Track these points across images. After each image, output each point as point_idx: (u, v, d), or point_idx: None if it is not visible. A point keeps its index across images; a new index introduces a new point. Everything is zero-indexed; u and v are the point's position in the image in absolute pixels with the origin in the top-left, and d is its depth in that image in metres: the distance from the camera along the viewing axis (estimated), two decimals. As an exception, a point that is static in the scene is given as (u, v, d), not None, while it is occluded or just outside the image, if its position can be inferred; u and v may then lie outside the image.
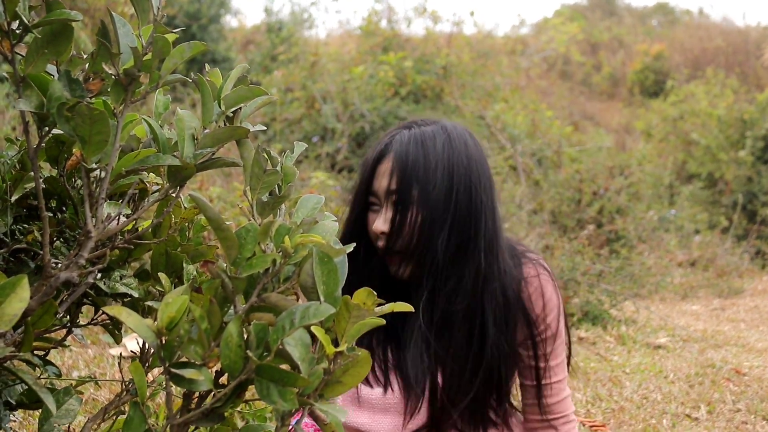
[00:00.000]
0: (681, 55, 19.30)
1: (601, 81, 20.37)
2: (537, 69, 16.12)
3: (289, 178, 1.22)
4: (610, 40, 21.65)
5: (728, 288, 8.40)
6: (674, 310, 7.09)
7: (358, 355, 1.03)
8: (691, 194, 12.45)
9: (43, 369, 1.31)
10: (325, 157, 9.79)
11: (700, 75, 16.89)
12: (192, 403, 1.12)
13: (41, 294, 1.10)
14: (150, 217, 1.40)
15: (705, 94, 14.67)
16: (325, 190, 7.54)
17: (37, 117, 1.12)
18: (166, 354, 1.02)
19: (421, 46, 12.31)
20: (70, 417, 1.30)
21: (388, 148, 1.95)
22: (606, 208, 8.83)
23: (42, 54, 1.12)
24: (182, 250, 1.38)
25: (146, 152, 1.19)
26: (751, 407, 3.92)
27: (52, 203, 1.43)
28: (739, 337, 5.76)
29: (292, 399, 0.99)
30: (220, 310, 1.06)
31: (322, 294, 1.03)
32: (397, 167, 1.91)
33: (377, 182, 1.95)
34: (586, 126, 16.31)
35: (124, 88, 1.14)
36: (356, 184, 2.03)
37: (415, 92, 11.04)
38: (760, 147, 12.72)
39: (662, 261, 8.59)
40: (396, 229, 1.92)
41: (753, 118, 13.05)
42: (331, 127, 10.22)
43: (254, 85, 1.24)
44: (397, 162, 1.91)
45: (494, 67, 12.85)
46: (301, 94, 10.93)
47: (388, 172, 1.93)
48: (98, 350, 3.84)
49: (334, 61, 12.19)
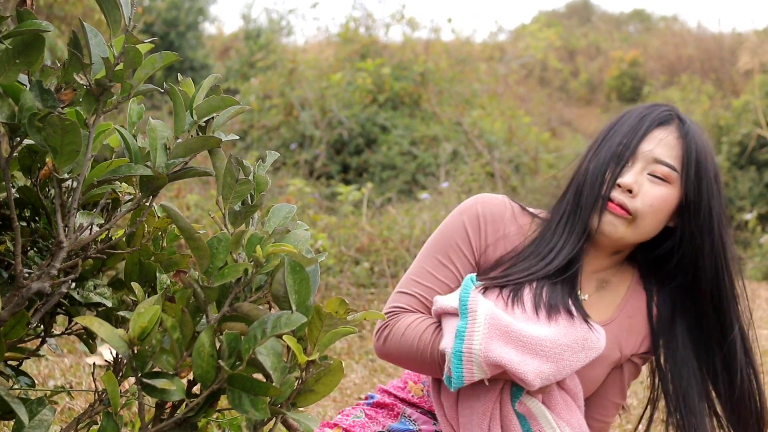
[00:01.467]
0: (657, 62, 19.47)
1: (578, 87, 20.50)
2: (515, 75, 16.18)
3: (261, 187, 1.23)
4: (587, 46, 21.79)
5: (704, 293, 8.44)
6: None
7: (330, 363, 1.04)
8: (668, 199, 12.54)
9: (16, 380, 1.31)
10: (303, 164, 9.82)
11: (676, 81, 17.03)
12: (165, 412, 1.12)
13: (13, 304, 1.10)
14: (123, 227, 1.40)
15: (681, 100, 14.79)
16: (302, 198, 7.55)
17: (8, 127, 1.12)
18: (139, 364, 1.03)
19: (399, 52, 12.35)
20: (44, 427, 1.29)
21: (670, 118, 1.95)
22: (585, 214, 8.86)
23: (13, 64, 1.12)
24: (155, 260, 1.38)
25: (118, 162, 1.19)
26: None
27: (26, 213, 1.43)
28: (717, 339, 5.79)
29: (264, 408, 1.00)
30: (193, 319, 1.06)
31: (294, 303, 1.04)
32: (685, 151, 1.91)
33: (654, 148, 1.92)
34: (563, 132, 16.39)
35: (95, 98, 1.14)
36: (608, 144, 1.97)
37: (393, 99, 11.07)
38: (736, 152, 12.82)
39: (639, 265, 8.62)
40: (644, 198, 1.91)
41: (729, 123, 13.16)
42: (309, 134, 10.25)
43: (227, 95, 1.25)
44: (687, 144, 1.92)
45: (472, 73, 12.91)
46: (279, 101, 10.95)
47: (668, 144, 1.92)
48: (75, 359, 3.82)
49: (312, 68, 12.23)
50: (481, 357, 1.80)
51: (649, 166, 1.91)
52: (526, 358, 1.82)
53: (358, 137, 10.27)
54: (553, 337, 1.86)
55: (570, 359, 1.88)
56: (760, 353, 2.23)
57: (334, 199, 8.68)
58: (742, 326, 2.05)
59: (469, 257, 2.01)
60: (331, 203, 8.44)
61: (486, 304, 1.85)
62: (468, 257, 2.01)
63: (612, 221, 1.92)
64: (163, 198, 5.85)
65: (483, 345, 1.79)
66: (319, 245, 5.75)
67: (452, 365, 1.82)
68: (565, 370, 1.88)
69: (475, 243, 2.02)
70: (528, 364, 1.82)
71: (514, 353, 1.82)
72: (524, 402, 1.94)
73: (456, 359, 1.82)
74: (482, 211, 2.02)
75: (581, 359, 1.89)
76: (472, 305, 1.84)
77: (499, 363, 1.80)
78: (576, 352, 1.88)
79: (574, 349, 1.88)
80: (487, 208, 2.03)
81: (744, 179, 12.52)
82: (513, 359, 1.81)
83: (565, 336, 1.88)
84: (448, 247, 2.02)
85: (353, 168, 10.12)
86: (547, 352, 1.85)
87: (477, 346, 1.79)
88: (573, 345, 1.88)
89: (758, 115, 12.77)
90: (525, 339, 1.83)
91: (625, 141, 1.93)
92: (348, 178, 9.92)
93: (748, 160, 12.70)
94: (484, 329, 1.81)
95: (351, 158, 10.21)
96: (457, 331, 1.82)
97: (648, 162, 1.91)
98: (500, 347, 1.81)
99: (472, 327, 1.81)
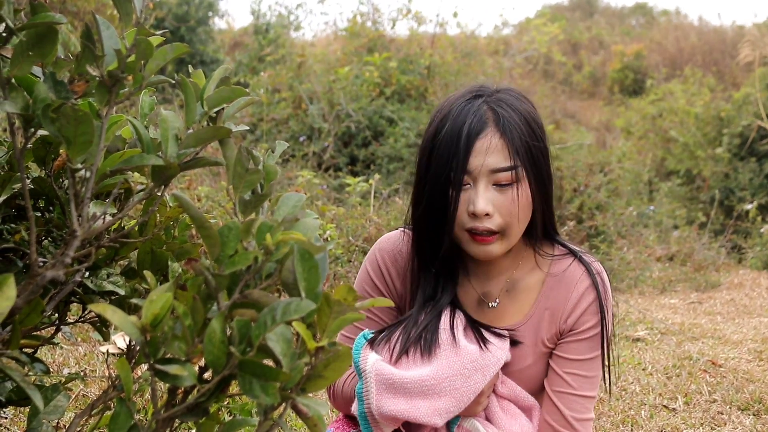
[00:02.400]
0: (659, 55, 19.54)
1: (581, 80, 20.54)
2: (519, 69, 16.25)
3: (271, 176, 1.25)
4: (590, 40, 21.83)
5: (705, 282, 8.49)
6: (653, 303, 7.15)
7: (338, 349, 1.05)
8: (669, 191, 12.65)
9: (31, 366, 1.33)
10: (311, 156, 9.87)
11: (678, 74, 17.09)
12: (177, 398, 1.14)
13: (28, 292, 1.12)
14: (135, 217, 1.42)
15: (683, 93, 14.85)
16: (311, 189, 7.58)
17: (22, 118, 1.14)
18: (151, 350, 1.04)
19: (406, 46, 12.42)
20: (59, 413, 1.32)
21: (485, 123, 1.85)
22: (586, 205, 8.92)
23: (27, 56, 1.13)
24: (167, 249, 1.40)
25: (131, 152, 1.21)
26: (726, 398, 3.98)
27: (41, 203, 1.45)
28: (716, 330, 5.82)
29: (274, 393, 1.01)
30: (204, 306, 1.07)
31: (304, 290, 1.05)
32: (507, 142, 1.85)
33: (476, 160, 1.85)
34: (567, 124, 16.46)
35: (108, 90, 1.16)
36: (435, 165, 1.88)
37: (400, 92, 11.12)
38: (737, 144, 12.87)
39: (641, 256, 8.71)
40: (506, 208, 1.87)
41: (729, 115, 13.23)
42: (318, 126, 10.29)
43: (237, 86, 1.27)
44: (505, 136, 1.85)
45: (477, 66, 12.97)
46: (288, 94, 11.01)
47: (492, 149, 1.85)
48: (89, 348, 3.86)
49: (320, 62, 12.30)
50: (377, 415, 1.85)
51: (490, 177, 1.86)
52: (416, 402, 1.85)
53: (365, 130, 10.31)
54: (436, 374, 1.87)
55: (465, 385, 1.88)
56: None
57: (342, 190, 8.72)
58: None
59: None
60: (339, 195, 8.48)
61: (372, 359, 1.90)
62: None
63: (484, 249, 1.92)
64: (175, 189, 5.91)
65: (375, 403, 1.84)
66: (327, 235, 5.78)
67: (362, 426, 1.89)
68: (465, 396, 1.88)
69: (384, 288, 2.09)
70: (419, 408, 1.85)
71: (403, 402, 1.85)
72: (463, 425, 1.97)
73: (363, 421, 1.89)
74: (380, 256, 2.09)
75: (479, 380, 1.89)
76: (362, 365, 1.90)
77: (393, 416, 1.85)
78: (468, 377, 1.89)
79: (466, 375, 1.88)
80: (385, 250, 2.09)
81: (744, 170, 12.59)
82: (404, 408, 1.84)
83: (450, 367, 1.88)
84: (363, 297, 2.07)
85: (361, 160, 10.16)
86: (435, 389, 1.86)
87: (373, 404, 1.85)
88: (462, 371, 1.88)
89: (759, 107, 12.82)
90: (408, 385, 1.85)
91: (452, 164, 1.85)
92: (356, 170, 9.96)
93: (749, 151, 12.77)
94: (373, 387, 1.86)
95: (359, 150, 10.24)
96: (357, 394, 1.88)
97: (486, 175, 1.85)
98: (389, 401, 1.85)
99: (367, 386, 1.87)
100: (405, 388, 1.85)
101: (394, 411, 1.84)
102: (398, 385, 1.85)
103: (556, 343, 2.04)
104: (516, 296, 2.06)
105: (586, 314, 2.01)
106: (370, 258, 2.12)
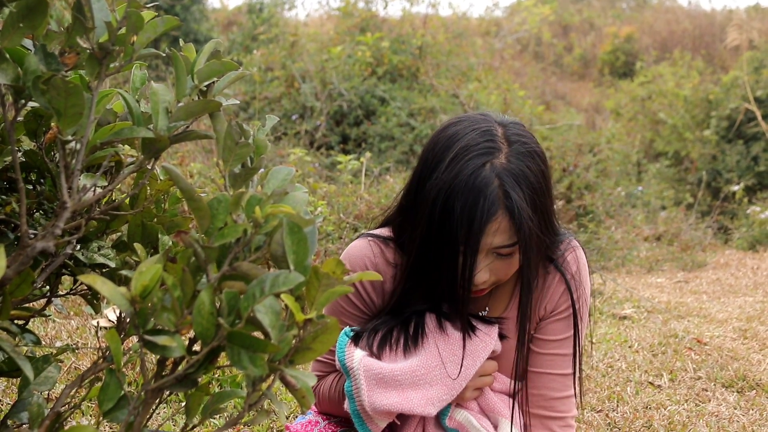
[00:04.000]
0: (649, 38, 19.63)
1: (572, 62, 20.59)
2: (510, 50, 16.31)
3: (261, 150, 1.25)
4: (581, 22, 21.87)
5: (692, 261, 8.57)
6: (640, 282, 7.21)
7: (326, 322, 1.06)
8: (657, 172, 12.77)
9: (22, 337, 1.34)
10: (303, 134, 9.89)
11: (668, 57, 17.14)
12: (166, 369, 1.15)
13: (18, 263, 1.12)
14: (126, 192, 1.43)
15: (672, 75, 14.94)
16: (303, 166, 7.60)
17: (13, 90, 1.14)
18: (140, 321, 1.05)
19: (398, 27, 12.47)
20: (50, 384, 1.32)
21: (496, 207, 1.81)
22: (575, 184, 8.99)
23: (18, 28, 1.13)
24: (158, 221, 1.41)
25: (121, 125, 1.22)
26: (711, 375, 4.03)
27: (32, 177, 1.45)
28: (701, 309, 5.87)
29: (262, 365, 1.02)
30: (193, 278, 1.08)
31: (292, 263, 1.06)
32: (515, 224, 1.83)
33: (487, 238, 1.83)
34: (557, 105, 16.53)
35: (98, 62, 1.16)
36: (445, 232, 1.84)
37: (392, 72, 11.17)
38: (725, 126, 12.97)
39: (629, 235, 8.80)
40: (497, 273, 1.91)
41: (718, 98, 13.33)
42: (310, 105, 10.31)
43: (227, 59, 1.27)
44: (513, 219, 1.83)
45: (468, 47, 13.06)
46: (281, 73, 11.03)
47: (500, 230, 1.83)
48: (81, 321, 3.87)
49: (313, 42, 12.33)
50: (371, 411, 1.87)
51: (492, 250, 1.86)
52: (409, 393, 1.87)
53: (357, 109, 10.33)
54: (425, 363, 1.90)
55: (455, 372, 1.91)
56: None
57: (333, 168, 8.75)
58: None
59: (361, 315, 2.08)
60: (331, 173, 8.51)
61: (358, 356, 1.92)
62: (360, 315, 2.08)
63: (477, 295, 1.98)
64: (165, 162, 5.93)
65: (367, 399, 1.86)
66: (318, 212, 5.80)
67: (356, 425, 1.91)
68: (457, 383, 1.91)
69: (360, 302, 2.08)
70: (412, 399, 1.87)
71: (395, 395, 1.87)
72: (454, 416, 1.99)
73: (357, 418, 1.91)
74: (350, 269, 2.05)
75: (469, 366, 1.93)
76: (348, 363, 1.92)
77: (387, 411, 1.86)
78: (458, 364, 1.92)
79: (455, 362, 1.91)
80: (353, 265, 2.06)
81: (732, 152, 12.71)
82: (396, 401, 1.86)
83: (439, 355, 1.91)
84: (340, 314, 2.08)
85: (352, 139, 10.19)
86: (426, 378, 1.88)
87: (365, 401, 1.86)
88: (451, 358, 1.91)
89: (746, 90, 12.91)
90: (399, 377, 1.87)
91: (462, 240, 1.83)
92: (347, 149, 9.99)
93: (736, 133, 12.88)
94: (363, 384, 1.87)
95: (350, 129, 10.26)
96: (347, 393, 1.90)
97: (490, 248, 1.86)
98: (381, 395, 1.87)
99: (356, 384, 1.89)
100: (396, 380, 1.87)
101: (387, 405, 1.85)
102: (388, 378, 1.87)
103: (535, 328, 2.08)
104: (500, 287, 2.08)
105: (562, 298, 2.06)
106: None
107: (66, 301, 4.01)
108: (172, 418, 2.78)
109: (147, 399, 1.11)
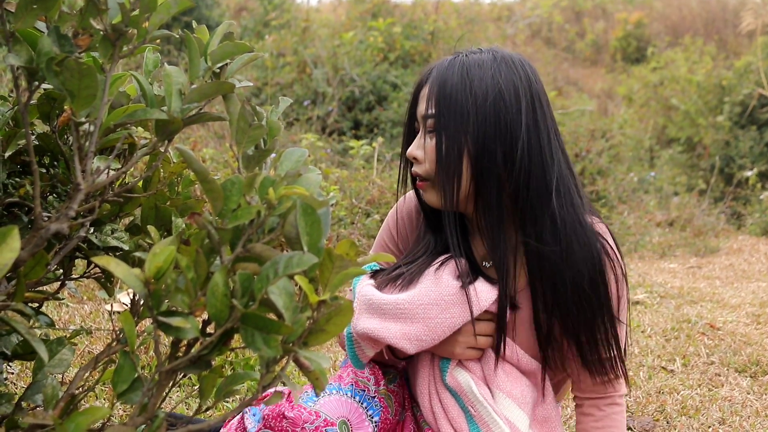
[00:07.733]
0: (661, 23, 19.50)
1: (584, 48, 20.49)
2: (522, 35, 16.23)
3: (274, 132, 1.25)
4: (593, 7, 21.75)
5: (705, 247, 8.53)
6: (652, 267, 7.19)
7: (340, 303, 1.06)
8: (670, 158, 12.72)
9: (36, 319, 1.34)
10: (315, 120, 9.88)
11: (680, 42, 17.05)
12: (180, 350, 1.15)
13: (32, 245, 1.13)
14: (140, 173, 1.43)
15: (684, 61, 14.85)
16: (315, 152, 7.60)
17: (26, 71, 1.14)
18: (154, 303, 1.05)
19: (410, 12, 12.43)
20: (64, 366, 1.33)
21: (432, 72, 1.92)
22: (587, 170, 8.96)
23: (31, 10, 1.13)
24: (171, 204, 1.41)
25: (134, 107, 1.21)
26: (724, 360, 4.01)
27: (45, 160, 1.46)
28: (714, 294, 5.85)
29: (276, 346, 1.02)
30: (207, 260, 1.08)
31: (306, 244, 1.06)
32: (435, 91, 1.88)
33: (419, 106, 1.93)
34: (569, 91, 16.45)
35: (112, 43, 1.16)
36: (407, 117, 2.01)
37: (404, 57, 11.13)
38: (738, 112, 12.88)
39: (641, 221, 8.78)
40: (426, 155, 1.91)
41: (731, 84, 13.23)
42: (322, 91, 10.29)
43: (240, 41, 1.27)
44: (435, 85, 1.89)
45: (480, 33, 13.00)
46: (293, 59, 11.01)
47: (425, 97, 1.91)
48: (94, 306, 3.88)
49: (324, 27, 12.30)
50: (354, 332, 1.92)
51: (422, 119, 1.92)
52: (388, 323, 1.89)
53: (369, 94, 10.31)
54: (411, 299, 1.91)
55: (440, 317, 1.90)
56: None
57: (345, 154, 8.74)
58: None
59: (396, 252, 2.20)
60: (343, 158, 8.50)
61: (363, 284, 1.99)
62: (395, 252, 2.20)
63: (424, 196, 1.99)
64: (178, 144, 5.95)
65: (353, 321, 1.90)
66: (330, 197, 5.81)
67: (347, 348, 1.96)
68: (438, 328, 1.90)
69: (397, 238, 2.20)
70: (390, 329, 1.89)
71: (376, 322, 1.89)
72: (453, 374, 1.98)
73: (349, 341, 1.96)
74: (399, 212, 2.19)
75: (455, 315, 1.91)
76: (355, 288, 2.00)
77: (365, 334, 1.89)
78: (445, 309, 1.90)
79: (442, 306, 1.90)
80: (403, 208, 2.19)
81: (745, 138, 12.64)
82: (375, 327, 1.89)
83: (426, 295, 1.91)
84: (379, 247, 2.24)
85: (364, 124, 10.17)
86: (407, 313, 1.89)
87: (352, 322, 1.90)
88: (439, 302, 1.90)
89: (760, 76, 12.84)
90: (384, 306, 1.90)
91: (408, 112, 1.99)
92: (359, 134, 9.98)
93: (749, 119, 12.81)
94: (356, 307, 1.92)
95: (362, 115, 10.24)
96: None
97: (422, 122, 1.92)
98: (365, 319, 1.90)
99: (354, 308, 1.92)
100: (381, 309, 1.90)
101: (366, 329, 1.89)
102: (375, 305, 1.91)
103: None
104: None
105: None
106: (392, 212, 2.22)
107: (79, 285, 4.03)
108: (184, 401, 2.79)
109: (161, 381, 1.11)
